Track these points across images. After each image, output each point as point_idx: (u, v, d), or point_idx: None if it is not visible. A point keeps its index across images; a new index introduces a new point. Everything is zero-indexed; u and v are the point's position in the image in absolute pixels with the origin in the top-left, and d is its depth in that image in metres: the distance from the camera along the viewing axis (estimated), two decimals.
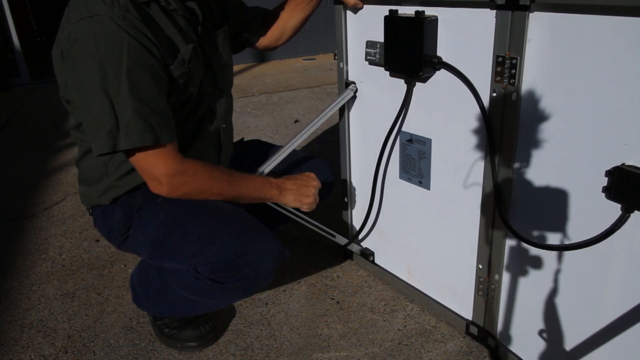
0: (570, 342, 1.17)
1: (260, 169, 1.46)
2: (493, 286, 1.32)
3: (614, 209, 0.95)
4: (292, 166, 1.66)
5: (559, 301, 1.17)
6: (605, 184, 0.95)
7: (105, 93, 1.12)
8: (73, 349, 1.54)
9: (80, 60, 1.13)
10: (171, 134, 1.20)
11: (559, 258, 1.13)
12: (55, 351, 1.53)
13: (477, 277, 1.36)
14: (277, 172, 1.55)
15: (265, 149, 1.67)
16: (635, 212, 0.92)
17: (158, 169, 1.19)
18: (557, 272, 1.14)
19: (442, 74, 1.28)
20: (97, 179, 1.36)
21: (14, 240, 2.21)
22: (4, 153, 3.34)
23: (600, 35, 0.92)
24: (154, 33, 1.17)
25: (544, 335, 1.23)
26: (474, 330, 1.44)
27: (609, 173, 0.94)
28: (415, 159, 1.45)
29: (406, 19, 1.25)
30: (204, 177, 1.24)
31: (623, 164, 0.93)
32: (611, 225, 0.95)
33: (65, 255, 2.06)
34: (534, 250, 1.18)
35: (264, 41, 1.63)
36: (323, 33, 5.66)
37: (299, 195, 1.39)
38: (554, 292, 1.17)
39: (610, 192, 0.94)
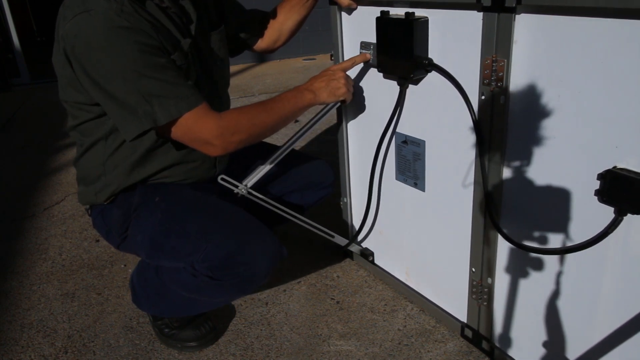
0: (566, 345, 1.16)
1: (260, 168, 1.46)
2: (486, 289, 1.32)
3: (607, 212, 0.95)
4: (292, 166, 1.66)
5: (554, 304, 1.16)
6: (597, 186, 0.95)
7: (126, 79, 1.14)
8: (73, 349, 1.54)
9: (90, 56, 1.14)
10: (201, 96, 1.23)
11: (553, 261, 1.13)
12: (55, 351, 1.53)
13: (471, 280, 1.36)
14: (276, 173, 1.56)
15: (264, 149, 1.67)
16: (628, 215, 0.92)
17: (203, 132, 1.23)
18: (552, 275, 1.14)
19: (434, 76, 1.28)
20: (95, 179, 1.37)
21: (14, 240, 2.21)
22: (4, 153, 3.35)
23: (588, 37, 0.92)
24: (152, 25, 1.19)
25: (539, 338, 1.23)
26: (468, 333, 1.44)
27: (600, 176, 0.93)
28: (410, 161, 1.45)
29: (396, 20, 1.25)
30: (246, 120, 1.28)
31: (614, 167, 0.93)
32: (604, 229, 0.94)
33: (65, 255, 2.06)
34: (527, 254, 1.18)
35: (261, 44, 1.64)
36: (323, 33, 5.65)
37: (331, 89, 1.41)
38: (548, 295, 1.16)
39: (603, 195, 0.94)
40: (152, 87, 1.15)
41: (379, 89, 1.48)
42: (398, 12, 1.29)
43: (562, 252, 1.08)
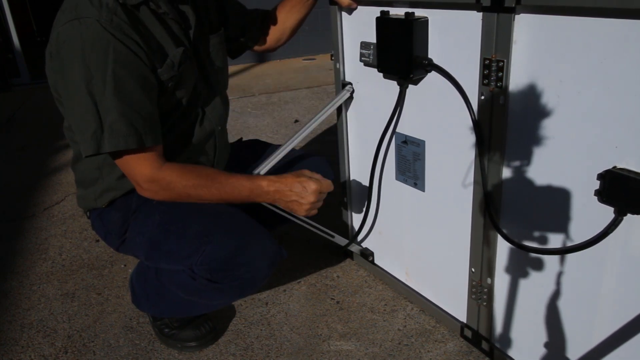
0: (566, 345, 1.16)
1: (258, 169, 1.46)
2: (486, 289, 1.32)
3: (607, 212, 0.95)
4: (291, 165, 1.65)
5: (554, 304, 1.16)
6: (597, 186, 0.95)
7: (90, 95, 1.13)
8: (73, 349, 1.54)
9: (67, 63, 1.14)
10: (156, 138, 1.20)
11: (553, 261, 1.13)
12: (55, 351, 1.53)
13: (470, 280, 1.36)
14: (275, 173, 1.55)
15: (264, 149, 1.67)
16: (628, 214, 0.92)
17: (137, 173, 1.21)
18: (552, 275, 1.14)
19: (434, 76, 1.27)
20: (92, 182, 1.37)
21: (14, 240, 2.21)
22: (4, 153, 3.35)
23: (588, 37, 0.92)
24: (141, 37, 1.18)
25: (539, 338, 1.23)
26: (468, 333, 1.44)
27: (600, 176, 0.93)
28: (410, 161, 1.45)
29: (396, 20, 1.25)
30: (181, 187, 1.23)
31: (614, 167, 0.93)
32: (604, 229, 0.94)
33: (65, 255, 2.06)
34: (526, 254, 1.18)
35: (262, 44, 1.64)
36: (323, 33, 5.65)
37: (293, 206, 1.29)
38: (548, 296, 1.16)
39: (603, 195, 0.94)
40: (111, 110, 1.13)
41: (379, 89, 1.48)
42: (398, 12, 1.29)
43: (562, 252, 1.08)
